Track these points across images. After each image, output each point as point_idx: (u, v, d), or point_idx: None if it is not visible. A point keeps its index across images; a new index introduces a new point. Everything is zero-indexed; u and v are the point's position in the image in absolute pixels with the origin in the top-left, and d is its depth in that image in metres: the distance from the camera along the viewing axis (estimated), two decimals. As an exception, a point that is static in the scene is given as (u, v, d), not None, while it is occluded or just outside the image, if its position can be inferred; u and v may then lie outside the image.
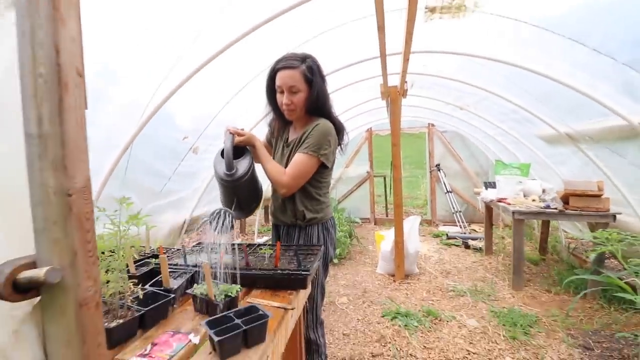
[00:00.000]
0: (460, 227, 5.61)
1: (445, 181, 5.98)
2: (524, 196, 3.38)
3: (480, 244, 4.46)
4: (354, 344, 2.25)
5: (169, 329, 0.84)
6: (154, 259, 1.19)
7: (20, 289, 0.53)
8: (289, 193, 1.41)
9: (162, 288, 0.95)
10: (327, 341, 2.21)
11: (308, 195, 1.46)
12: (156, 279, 1.01)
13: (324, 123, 1.42)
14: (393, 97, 3.33)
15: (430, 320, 2.52)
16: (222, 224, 1.03)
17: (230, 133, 1.35)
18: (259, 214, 5.66)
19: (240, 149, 1.39)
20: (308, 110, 1.43)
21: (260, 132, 1.72)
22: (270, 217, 1.66)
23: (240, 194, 1.37)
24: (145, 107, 1.71)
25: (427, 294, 3.08)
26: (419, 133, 6.40)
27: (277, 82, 1.38)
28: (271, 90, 1.44)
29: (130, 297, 0.85)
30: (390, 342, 2.24)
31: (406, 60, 2.23)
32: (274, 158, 1.55)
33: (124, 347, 0.79)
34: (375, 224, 6.38)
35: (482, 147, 5.66)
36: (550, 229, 4.16)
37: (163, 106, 1.76)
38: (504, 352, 2.12)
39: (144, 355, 0.73)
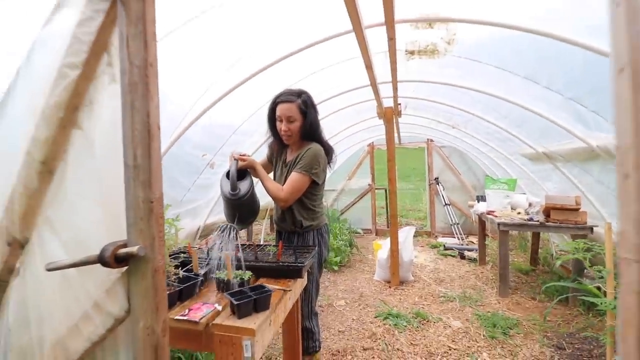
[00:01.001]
0: (458, 239, 5.84)
1: (443, 194, 6.24)
2: (512, 209, 3.65)
3: (475, 254, 4.69)
4: (347, 339, 2.52)
5: (199, 301, 1.16)
6: (182, 254, 1.50)
7: (118, 260, 0.85)
8: (286, 205, 1.70)
9: (192, 273, 1.27)
10: (323, 336, 2.49)
11: (304, 206, 1.76)
12: (187, 267, 1.33)
13: (315, 147, 1.72)
14: (388, 117, 3.66)
15: (418, 321, 2.77)
16: (229, 237, 1.35)
17: (235, 159, 1.65)
18: (265, 223, 5.98)
19: (243, 171, 1.68)
20: (302, 136, 1.74)
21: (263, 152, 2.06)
22: (274, 224, 1.98)
23: (241, 210, 1.65)
24: (174, 129, 2.06)
25: (419, 298, 3.33)
26: (418, 148, 6.70)
27: (277, 112, 1.70)
28: (272, 119, 1.76)
29: (173, 277, 1.17)
30: (380, 339, 2.51)
31: (395, 88, 2.57)
32: (274, 175, 1.86)
33: (168, 312, 1.10)
34: (376, 235, 6.63)
35: (479, 162, 5.93)
36: (541, 241, 4.38)
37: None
38: (481, 349, 2.37)
39: (184, 315, 1.04)
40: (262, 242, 5.52)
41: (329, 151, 1.81)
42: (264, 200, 1.84)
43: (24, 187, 1.02)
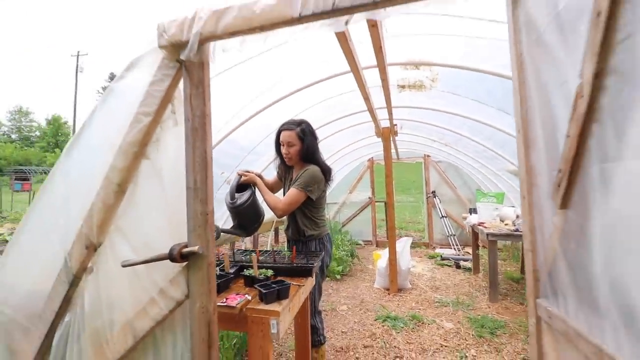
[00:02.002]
0: (455, 250, 6.11)
1: (440, 207, 6.54)
2: (500, 220, 3.95)
3: (470, 264, 4.95)
4: (350, 338, 2.78)
5: (232, 293, 1.46)
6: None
7: (182, 257, 1.16)
8: (283, 215, 1.97)
9: (224, 272, 1.57)
10: (328, 336, 2.75)
11: (306, 217, 2.05)
12: (220, 266, 1.63)
13: (312, 168, 2.01)
14: (385, 136, 4.01)
15: (414, 323, 3.04)
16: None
17: (238, 174, 1.96)
18: (270, 235, 6.27)
19: (246, 185, 1.94)
20: (301, 158, 2.05)
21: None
22: (285, 234, 2.29)
23: (240, 217, 1.88)
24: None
25: (416, 304, 3.59)
26: (416, 163, 7.04)
27: (281, 138, 2.04)
28: (278, 144, 2.10)
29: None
30: (379, 338, 2.77)
31: (390, 113, 2.91)
32: (283, 192, 2.16)
33: (208, 301, 1.40)
34: (377, 246, 6.90)
35: (473, 177, 6.26)
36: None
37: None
38: (470, 346, 2.63)
39: (223, 302, 1.34)
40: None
41: (326, 171, 2.09)
42: (270, 213, 2.12)
43: (102, 202, 1.35)
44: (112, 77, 54.61)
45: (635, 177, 0.52)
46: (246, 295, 1.41)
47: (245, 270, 1.58)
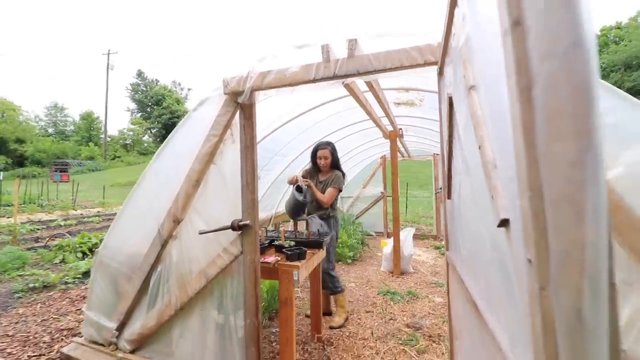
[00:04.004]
0: (459, 242, 6.60)
1: (447, 202, 7.03)
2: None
3: (470, 254, 5.47)
4: (354, 306, 3.43)
5: (267, 255, 2.13)
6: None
7: (239, 227, 1.84)
8: (327, 205, 2.84)
9: (261, 243, 2.25)
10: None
11: (331, 205, 2.86)
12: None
13: (338, 173, 2.92)
14: (392, 138, 4.59)
15: (410, 297, 3.64)
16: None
17: (301, 181, 2.73)
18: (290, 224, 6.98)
19: (300, 187, 2.75)
20: (330, 166, 2.91)
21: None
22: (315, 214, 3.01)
23: (302, 208, 2.75)
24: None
25: (414, 284, 4.19)
26: (425, 161, 7.53)
27: (318, 154, 2.90)
28: (314, 157, 2.94)
29: (252, 243, 2.15)
30: (379, 306, 3.41)
31: (391, 121, 3.50)
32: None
33: (251, 260, 2.09)
34: (387, 237, 7.47)
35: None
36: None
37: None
38: (453, 315, 3.22)
39: (263, 260, 2.02)
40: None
41: (343, 175, 2.99)
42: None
43: (184, 192, 2.05)
44: (139, 74, 56.89)
45: (458, 183, 1.13)
46: (277, 258, 2.08)
47: (275, 241, 2.25)
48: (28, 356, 2.41)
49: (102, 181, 25.15)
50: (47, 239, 6.66)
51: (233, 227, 1.83)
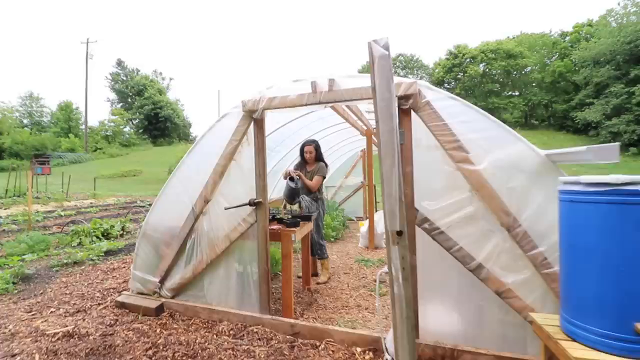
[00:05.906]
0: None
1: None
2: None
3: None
4: (334, 270, 4.34)
5: (273, 225, 2.99)
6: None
7: (254, 204, 2.69)
8: (314, 190, 3.69)
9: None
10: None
11: (318, 190, 3.70)
12: (263, 215, 3.16)
13: (322, 164, 3.75)
14: (367, 135, 5.48)
15: (380, 263, 4.59)
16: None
17: (293, 173, 3.53)
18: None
19: (293, 177, 3.56)
20: (315, 159, 3.73)
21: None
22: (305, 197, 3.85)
23: (295, 193, 3.54)
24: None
25: (385, 254, 5.13)
26: (400, 153, 8.47)
27: (305, 149, 3.71)
28: (302, 152, 3.75)
29: (261, 216, 3.00)
30: (354, 270, 4.33)
31: (365, 124, 4.37)
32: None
33: (261, 228, 2.94)
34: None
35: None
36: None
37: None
38: (411, 274, 4.18)
39: (270, 228, 2.87)
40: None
41: (326, 165, 3.83)
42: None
43: (212, 180, 2.88)
44: (119, 63, 55.45)
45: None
46: (280, 226, 2.94)
47: (277, 216, 3.11)
48: (90, 304, 3.19)
49: (86, 173, 25.12)
50: (54, 227, 7.27)
51: (250, 204, 2.67)
